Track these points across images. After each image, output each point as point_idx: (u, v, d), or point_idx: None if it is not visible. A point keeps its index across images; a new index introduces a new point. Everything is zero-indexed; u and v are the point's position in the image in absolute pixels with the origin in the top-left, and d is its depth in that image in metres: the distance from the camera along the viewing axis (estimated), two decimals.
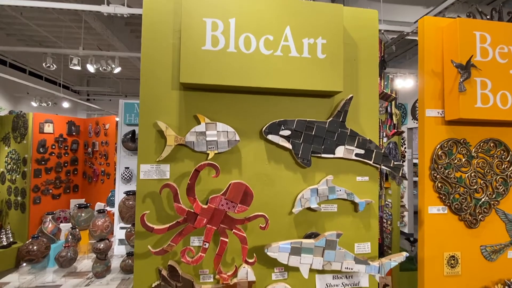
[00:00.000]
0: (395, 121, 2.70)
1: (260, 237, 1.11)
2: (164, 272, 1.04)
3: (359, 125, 1.20)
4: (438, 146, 1.27)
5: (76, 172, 5.02)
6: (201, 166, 0.93)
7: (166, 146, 1.05)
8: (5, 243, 4.31)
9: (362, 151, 1.17)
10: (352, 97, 1.15)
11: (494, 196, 1.30)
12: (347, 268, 1.04)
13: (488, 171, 1.31)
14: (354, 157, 1.16)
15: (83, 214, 3.06)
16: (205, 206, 0.95)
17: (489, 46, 1.25)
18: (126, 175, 3.20)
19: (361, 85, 1.21)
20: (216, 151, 1.07)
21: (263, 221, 1.00)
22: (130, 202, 2.70)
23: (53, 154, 4.71)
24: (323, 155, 1.15)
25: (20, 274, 2.47)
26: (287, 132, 1.11)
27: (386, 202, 4.21)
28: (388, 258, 1.08)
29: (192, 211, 0.94)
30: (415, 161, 7.56)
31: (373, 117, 1.21)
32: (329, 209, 1.17)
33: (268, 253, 1.00)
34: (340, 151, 1.16)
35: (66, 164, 4.88)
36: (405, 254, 1.08)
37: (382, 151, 1.18)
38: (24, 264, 2.59)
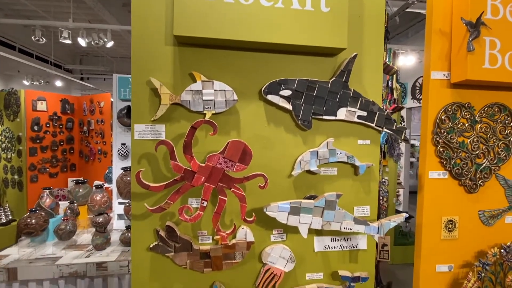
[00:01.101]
0: (395, 96, 2.64)
1: (259, 199, 1.09)
2: (162, 233, 1.03)
3: (362, 86, 1.15)
4: (442, 110, 1.24)
5: (72, 151, 4.98)
6: (197, 123, 0.89)
7: (160, 105, 1.01)
8: (4, 221, 4.34)
9: (365, 113, 1.13)
10: (356, 55, 1.09)
11: (495, 161, 1.29)
12: (346, 228, 1.04)
13: (491, 136, 1.29)
14: (356, 120, 1.13)
15: (81, 190, 3.05)
16: (203, 165, 0.92)
17: (500, 3, 1.18)
18: (122, 151, 3.16)
19: (365, 44, 1.15)
20: (214, 112, 1.03)
21: (262, 180, 0.98)
22: (128, 178, 2.68)
23: (48, 133, 4.64)
24: (324, 117, 1.11)
25: (20, 247, 2.49)
26: (287, 92, 1.06)
27: (383, 180, 4.24)
28: (387, 219, 1.08)
29: (190, 169, 0.91)
30: (412, 141, 7.60)
31: (377, 78, 1.17)
32: (329, 172, 1.15)
33: (267, 212, 0.99)
34: (342, 113, 1.12)
35: (62, 143, 4.82)
36: (404, 215, 1.08)
37: (385, 113, 1.15)
38: (23, 237, 2.61)
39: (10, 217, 4.35)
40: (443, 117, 1.24)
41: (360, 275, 1.14)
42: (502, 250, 1.26)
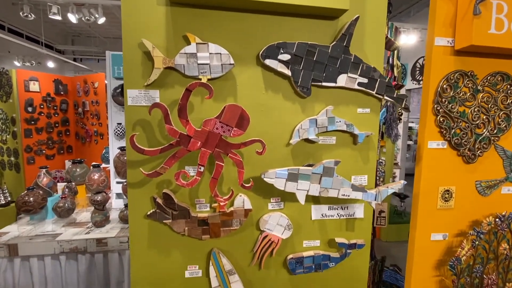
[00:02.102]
0: (395, 74, 2.59)
1: (256, 168, 1.08)
2: (159, 200, 1.02)
3: (364, 51, 1.11)
4: (444, 78, 1.21)
5: (68, 133, 4.93)
6: (192, 85, 0.86)
7: (154, 69, 0.97)
8: (3, 202, 4.36)
9: (365, 80, 1.10)
10: (358, 17, 1.04)
11: (495, 131, 1.28)
12: (343, 195, 1.04)
13: (492, 106, 1.27)
14: (356, 87, 1.10)
15: (78, 170, 3.03)
16: (199, 129, 0.89)
17: None
18: (119, 131, 3.12)
19: (368, 7, 1.10)
20: (209, 77, 0.99)
21: (260, 147, 0.96)
22: (125, 157, 2.66)
23: (42, 114, 4.57)
24: (324, 84, 1.08)
25: (20, 225, 2.50)
26: (286, 57, 1.02)
27: (380, 160, 4.27)
28: (385, 186, 1.08)
29: (185, 133, 0.89)
30: (410, 124, 7.60)
31: (378, 43, 1.12)
32: (328, 141, 1.13)
33: (264, 179, 0.98)
34: (342, 80, 1.08)
35: (57, 125, 4.76)
36: (403, 182, 1.08)
37: (386, 80, 1.12)
38: (22, 215, 2.62)
39: (9, 199, 4.36)
40: (445, 86, 1.21)
41: (357, 242, 1.15)
42: (497, 219, 1.27)
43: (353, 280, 1.22)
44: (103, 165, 3.46)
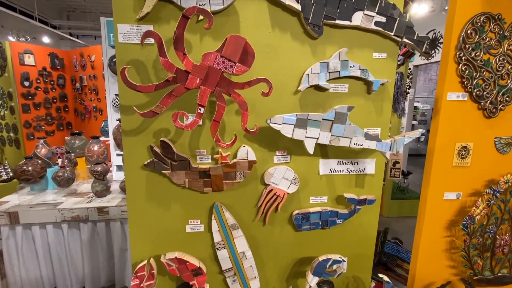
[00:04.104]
0: None
1: (261, 118, 0.99)
2: (157, 149, 0.95)
3: None
4: (469, 21, 1.09)
5: (67, 109, 4.84)
6: (189, 10, 0.75)
7: (146, 0, 0.86)
8: (5, 177, 4.35)
9: (383, 19, 0.98)
10: None
11: None
12: (356, 144, 0.96)
13: None
14: (373, 27, 0.99)
15: (77, 142, 2.98)
16: (198, 64, 0.80)
17: None
18: (117, 102, 3.02)
19: None
20: (209, 9, 0.88)
21: (266, 88, 0.87)
22: None
23: (40, 89, 4.46)
24: (337, 22, 0.96)
25: (20, 195, 2.48)
26: None
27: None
28: (401, 135, 1.00)
29: (183, 69, 0.80)
30: (416, 104, 7.42)
31: None
32: (339, 90, 1.04)
33: (270, 124, 0.90)
34: (357, 18, 0.97)
35: (55, 100, 4.66)
36: (421, 130, 1.00)
37: (407, 19, 1.00)
38: (22, 184, 2.60)
39: (11, 174, 4.35)
40: (469, 31, 1.10)
41: (367, 197, 1.09)
42: None
43: (361, 238, 1.18)
44: (103, 138, 3.40)
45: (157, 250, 1.04)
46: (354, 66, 1.00)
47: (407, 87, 3.75)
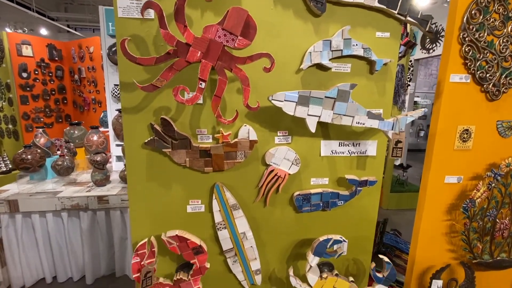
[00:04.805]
0: (408, 29, 2.41)
1: (262, 96, 0.98)
2: (158, 127, 0.94)
3: None
4: (474, 1, 1.08)
5: (65, 101, 4.81)
6: None
7: None
8: (4, 169, 4.34)
9: None
10: None
11: None
12: (358, 123, 0.95)
13: None
14: (376, 4, 0.97)
15: (76, 132, 2.96)
16: (199, 36, 0.79)
17: None
18: (116, 92, 3.00)
19: None
20: None
21: (268, 63, 0.86)
22: None
23: (38, 81, 4.42)
24: None
25: (19, 184, 2.47)
26: None
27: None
28: (404, 114, 0.99)
29: (183, 41, 0.78)
30: (416, 99, 7.41)
31: None
32: (342, 69, 1.03)
33: (272, 101, 0.89)
34: None
35: (53, 92, 4.63)
36: (424, 109, 0.99)
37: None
38: (21, 173, 2.59)
39: (10, 166, 4.34)
40: (473, 11, 1.08)
41: (368, 179, 1.09)
42: None
43: (362, 220, 1.18)
44: (102, 129, 3.38)
45: (157, 230, 1.04)
46: (357, 44, 0.99)
47: (408, 79, 3.73)
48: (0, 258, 2.20)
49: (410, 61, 3.90)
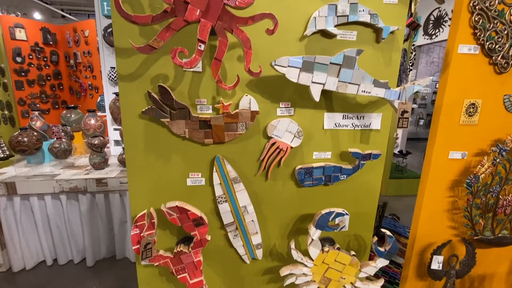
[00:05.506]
0: (413, 10, 2.34)
1: (264, 65, 0.94)
2: (156, 95, 0.91)
3: None
4: None
5: (62, 87, 4.72)
6: None
7: None
8: (1, 155, 4.30)
9: None
10: None
11: None
12: (364, 91, 0.92)
13: None
14: None
15: (72, 115, 2.91)
16: None
17: None
18: (112, 75, 2.93)
19: None
20: None
21: (271, 24, 0.82)
22: None
23: (33, 66, 4.33)
24: None
25: (17, 167, 2.44)
26: None
27: None
28: (411, 83, 0.96)
29: None
30: (416, 87, 7.33)
31: None
32: (347, 37, 0.99)
33: (275, 67, 0.85)
34: None
35: (49, 78, 4.54)
36: (431, 78, 0.95)
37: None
38: (18, 157, 2.56)
39: (8, 153, 4.30)
40: None
41: (372, 152, 1.06)
42: None
43: (364, 195, 1.16)
44: (99, 114, 3.33)
45: (157, 204, 1.02)
46: (363, 10, 0.94)
47: (410, 64, 3.68)
48: (0, 241, 2.20)
49: (413, 44, 3.83)
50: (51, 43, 4.44)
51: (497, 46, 1.11)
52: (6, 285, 2.08)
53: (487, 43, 1.10)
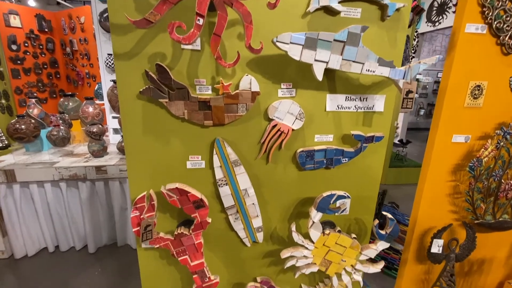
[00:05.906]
0: None
1: (265, 43, 0.91)
2: (153, 75, 0.88)
3: None
4: None
5: (58, 76, 4.66)
6: None
7: None
8: (0, 145, 4.28)
9: None
10: None
11: None
12: (368, 70, 0.89)
13: None
14: None
15: (70, 103, 2.88)
16: None
17: None
18: (110, 62, 2.88)
19: None
20: None
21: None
22: None
23: (28, 53, 4.25)
24: None
25: (15, 155, 2.42)
26: None
27: None
28: (417, 61, 0.93)
29: None
30: (418, 76, 7.26)
31: None
32: (351, 15, 0.95)
33: (277, 43, 0.82)
34: None
35: (45, 66, 4.47)
36: (438, 56, 0.93)
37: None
38: (16, 145, 2.55)
39: (6, 142, 4.28)
40: None
41: (375, 134, 1.05)
42: None
43: (366, 179, 1.15)
44: (98, 102, 3.29)
45: (156, 187, 1.01)
46: None
47: (413, 51, 3.61)
48: (1, 228, 2.20)
49: (416, 31, 3.75)
50: (46, 30, 4.35)
51: (505, 26, 1.07)
52: (9, 271, 2.10)
53: (495, 22, 1.06)
